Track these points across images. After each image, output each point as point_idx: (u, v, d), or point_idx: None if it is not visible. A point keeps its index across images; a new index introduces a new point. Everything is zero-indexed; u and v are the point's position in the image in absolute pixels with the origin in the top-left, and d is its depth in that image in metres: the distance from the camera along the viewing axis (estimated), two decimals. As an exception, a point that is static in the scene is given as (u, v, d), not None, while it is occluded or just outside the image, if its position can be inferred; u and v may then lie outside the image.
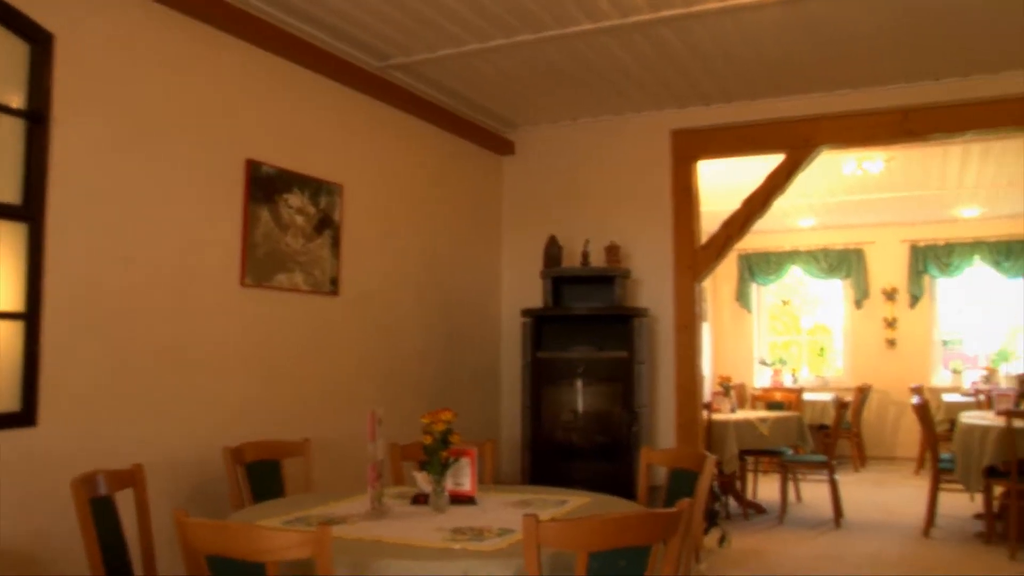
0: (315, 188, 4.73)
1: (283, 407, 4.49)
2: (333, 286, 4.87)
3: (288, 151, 4.57)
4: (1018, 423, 6.02)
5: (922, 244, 11.42)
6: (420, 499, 3.15)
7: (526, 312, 5.84)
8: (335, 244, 4.88)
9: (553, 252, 6.04)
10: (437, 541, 2.56)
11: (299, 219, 4.60)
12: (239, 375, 4.22)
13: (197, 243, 4.00)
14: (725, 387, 8.03)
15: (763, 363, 12.09)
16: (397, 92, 5.42)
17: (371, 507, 2.97)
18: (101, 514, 2.85)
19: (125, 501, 3.04)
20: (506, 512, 3.00)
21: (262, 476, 3.83)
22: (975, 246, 11.17)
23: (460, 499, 3.15)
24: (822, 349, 12.34)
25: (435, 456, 3.00)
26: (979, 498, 6.74)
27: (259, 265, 4.32)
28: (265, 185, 4.37)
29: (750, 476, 8.10)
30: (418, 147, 5.77)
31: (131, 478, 3.10)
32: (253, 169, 4.29)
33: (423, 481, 3.09)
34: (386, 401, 5.07)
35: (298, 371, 4.61)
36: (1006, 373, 10.49)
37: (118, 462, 3.20)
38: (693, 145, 6.13)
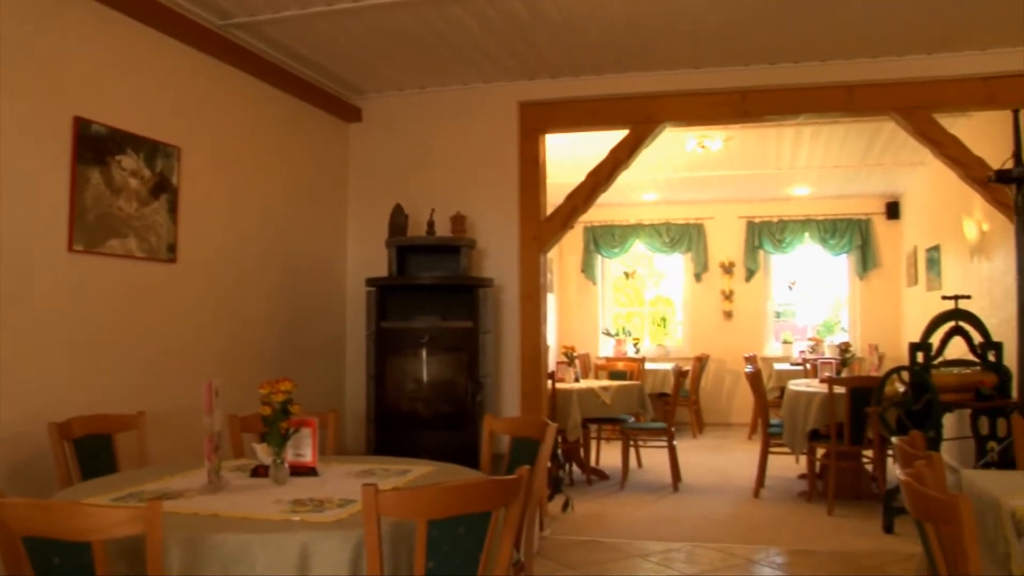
0: (151, 150, 4.52)
1: (116, 379, 4.28)
2: (170, 253, 4.68)
3: (121, 110, 4.33)
4: (838, 390, 6.41)
5: (758, 221, 11.96)
6: (260, 471, 3.09)
7: (371, 281, 5.77)
8: (172, 209, 4.68)
9: (399, 221, 5.99)
10: (276, 513, 2.51)
11: (133, 182, 4.39)
12: (68, 345, 4.00)
13: (19, 205, 3.74)
14: (569, 357, 8.20)
15: (607, 333, 12.41)
16: (239, 53, 5.22)
17: (208, 481, 2.89)
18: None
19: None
20: (347, 482, 2.98)
21: (92, 452, 3.65)
22: (805, 224, 11.80)
23: (301, 470, 3.10)
24: (663, 320, 12.77)
25: (274, 427, 2.94)
26: (804, 460, 7.16)
27: (89, 230, 4.09)
28: (95, 145, 4.14)
29: (593, 443, 8.33)
30: (261, 111, 5.59)
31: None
32: (82, 127, 4.05)
33: (262, 453, 3.03)
34: (226, 372, 4.93)
35: (132, 341, 4.41)
36: (830, 343, 11.14)
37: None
38: (540, 117, 6.19)
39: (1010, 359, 5.47)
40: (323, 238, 6.29)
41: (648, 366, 10.52)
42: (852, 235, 11.66)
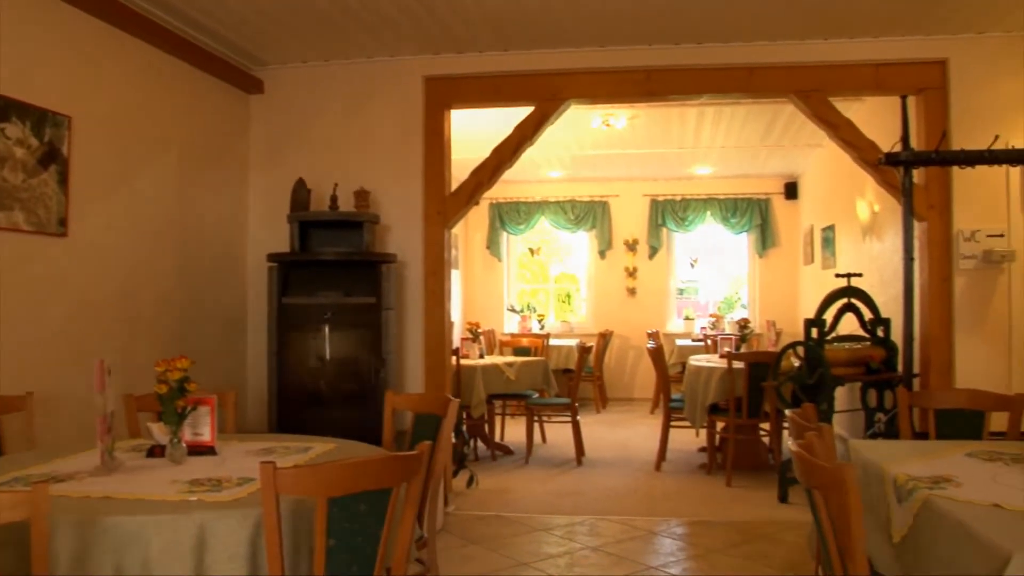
0: (38, 118, 4.32)
1: (1, 358, 4.11)
2: (61, 227, 4.50)
3: (4, 75, 4.13)
4: (737, 365, 6.58)
5: (661, 199, 12.14)
6: (156, 451, 3.01)
7: (272, 257, 5.66)
8: (63, 181, 4.50)
9: (301, 196, 5.89)
10: (172, 494, 2.46)
11: (19, 152, 4.20)
12: (-52, 323, 3.83)
13: None
14: (474, 333, 8.22)
15: (512, 310, 12.47)
16: (135, 19, 5.03)
17: (101, 462, 2.80)
18: None
19: None
20: (247, 461, 2.93)
21: (-25, 433, 3.51)
22: (708, 203, 12.03)
23: (199, 450, 3.04)
24: (568, 296, 12.89)
25: (170, 406, 2.87)
26: (704, 433, 7.34)
27: (-29, 202, 3.92)
28: (-23, 113, 3.95)
29: (498, 419, 8.38)
30: (158, 80, 5.40)
31: None
32: (-38, 94, 3.87)
33: (159, 432, 2.96)
34: (122, 350, 4.79)
35: (19, 318, 4.23)
36: (730, 320, 11.42)
37: None
38: (446, 92, 6.15)
39: (897, 335, 5.69)
40: (223, 212, 6.14)
41: (552, 342, 10.62)
42: (752, 214, 11.96)
